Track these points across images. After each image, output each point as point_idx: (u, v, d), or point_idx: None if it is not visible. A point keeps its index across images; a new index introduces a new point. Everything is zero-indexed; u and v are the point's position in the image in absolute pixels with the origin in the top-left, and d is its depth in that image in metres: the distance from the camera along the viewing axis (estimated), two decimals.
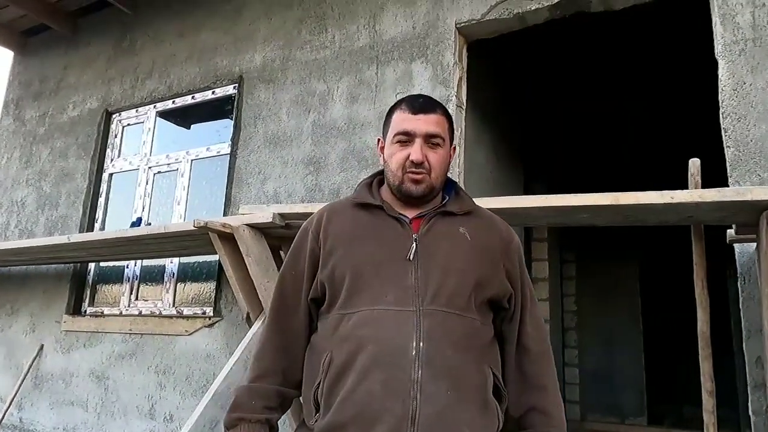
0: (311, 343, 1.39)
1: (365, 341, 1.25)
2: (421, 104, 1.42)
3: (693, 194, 1.93)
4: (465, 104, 3.20)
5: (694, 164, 2.10)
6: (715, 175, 2.49)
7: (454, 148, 1.51)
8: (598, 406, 5.59)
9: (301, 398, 1.39)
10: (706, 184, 2.17)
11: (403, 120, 1.41)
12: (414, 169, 1.37)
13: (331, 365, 1.27)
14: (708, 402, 2.25)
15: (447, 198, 1.46)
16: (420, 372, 1.21)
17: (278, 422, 1.39)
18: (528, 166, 5.08)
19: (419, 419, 1.18)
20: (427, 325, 1.25)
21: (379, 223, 1.39)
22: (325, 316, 1.37)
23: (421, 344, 1.23)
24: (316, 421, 1.27)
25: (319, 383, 1.28)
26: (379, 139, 1.52)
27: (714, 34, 2.57)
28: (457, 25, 3.16)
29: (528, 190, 5.00)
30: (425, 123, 1.39)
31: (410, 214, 1.41)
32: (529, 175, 5.04)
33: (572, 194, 2.07)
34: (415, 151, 1.37)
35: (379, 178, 1.50)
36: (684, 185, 2.17)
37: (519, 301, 1.43)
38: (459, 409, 1.23)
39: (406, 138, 1.39)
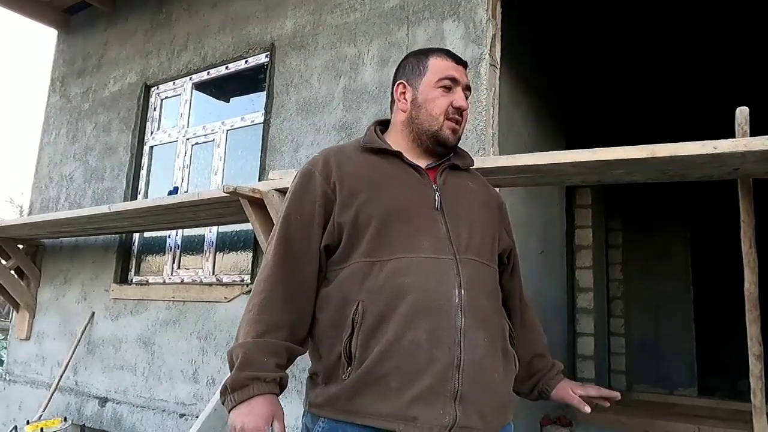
0: (326, 295, 1.30)
1: (406, 289, 1.22)
2: (458, 57, 1.47)
3: (737, 143, 1.79)
4: (499, 64, 3.08)
5: (742, 113, 1.93)
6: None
7: None
8: (646, 377, 5.45)
9: (309, 354, 1.33)
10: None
11: (447, 67, 1.42)
12: (457, 116, 1.40)
13: (365, 316, 1.20)
14: (755, 367, 2.14)
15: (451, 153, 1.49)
16: (463, 320, 1.22)
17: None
18: (571, 130, 4.89)
19: (464, 366, 1.19)
20: (466, 274, 1.26)
21: (397, 170, 1.37)
22: (342, 265, 1.28)
23: (462, 292, 1.24)
24: (348, 375, 1.19)
25: (351, 335, 1.20)
26: (401, 83, 1.45)
27: None
28: None
29: None
30: (465, 75, 1.44)
31: (421, 164, 1.40)
32: (571, 139, 4.85)
33: (605, 148, 1.96)
34: (461, 98, 1.41)
35: (381, 127, 1.49)
36: None
37: (514, 256, 1.52)
38: (491, 356, 1.27)
39: (451, 84, 1.41)
